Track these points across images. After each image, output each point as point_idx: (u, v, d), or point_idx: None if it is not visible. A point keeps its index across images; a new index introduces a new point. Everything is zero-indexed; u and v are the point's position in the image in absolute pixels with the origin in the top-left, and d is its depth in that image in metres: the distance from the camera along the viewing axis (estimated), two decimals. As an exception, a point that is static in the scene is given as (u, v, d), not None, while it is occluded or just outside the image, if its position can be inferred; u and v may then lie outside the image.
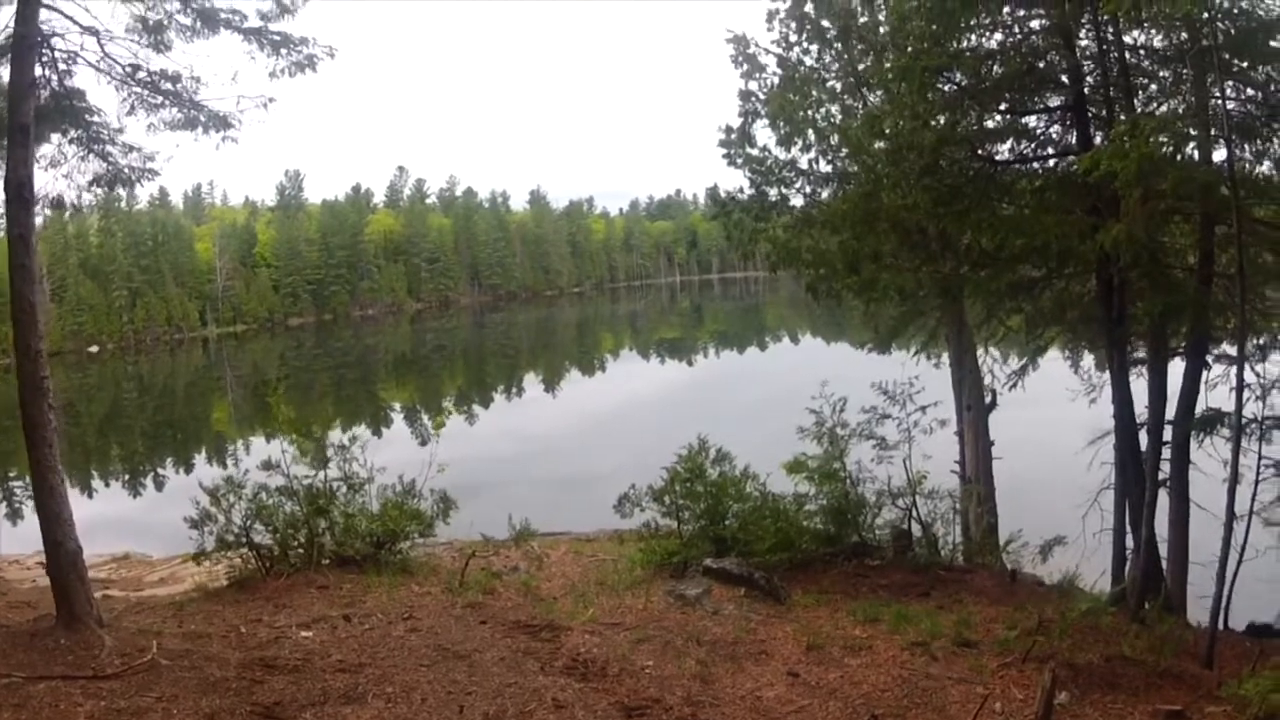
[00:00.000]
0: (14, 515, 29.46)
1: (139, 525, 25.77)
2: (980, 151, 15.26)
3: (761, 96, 18.82)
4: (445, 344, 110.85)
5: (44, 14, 11.53)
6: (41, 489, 10.86)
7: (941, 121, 14.69)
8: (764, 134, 18.87)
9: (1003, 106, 15.11)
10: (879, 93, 17.17)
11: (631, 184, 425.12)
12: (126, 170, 13.73)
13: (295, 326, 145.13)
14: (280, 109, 13.01)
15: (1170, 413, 14.02)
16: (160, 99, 12.86)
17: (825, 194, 18.87)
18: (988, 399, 18.78)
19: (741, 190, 19.34)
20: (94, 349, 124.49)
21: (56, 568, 10.84)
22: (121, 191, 15.04)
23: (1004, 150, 15.58)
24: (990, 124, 15.31)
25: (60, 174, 13.38)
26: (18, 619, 12.34)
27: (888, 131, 15.04)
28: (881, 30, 17.23)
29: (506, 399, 63.06)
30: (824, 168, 18.62)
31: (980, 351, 19.25)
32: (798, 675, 10.39)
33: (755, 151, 18.96)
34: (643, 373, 73.10)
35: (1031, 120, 15.30)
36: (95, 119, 13.18)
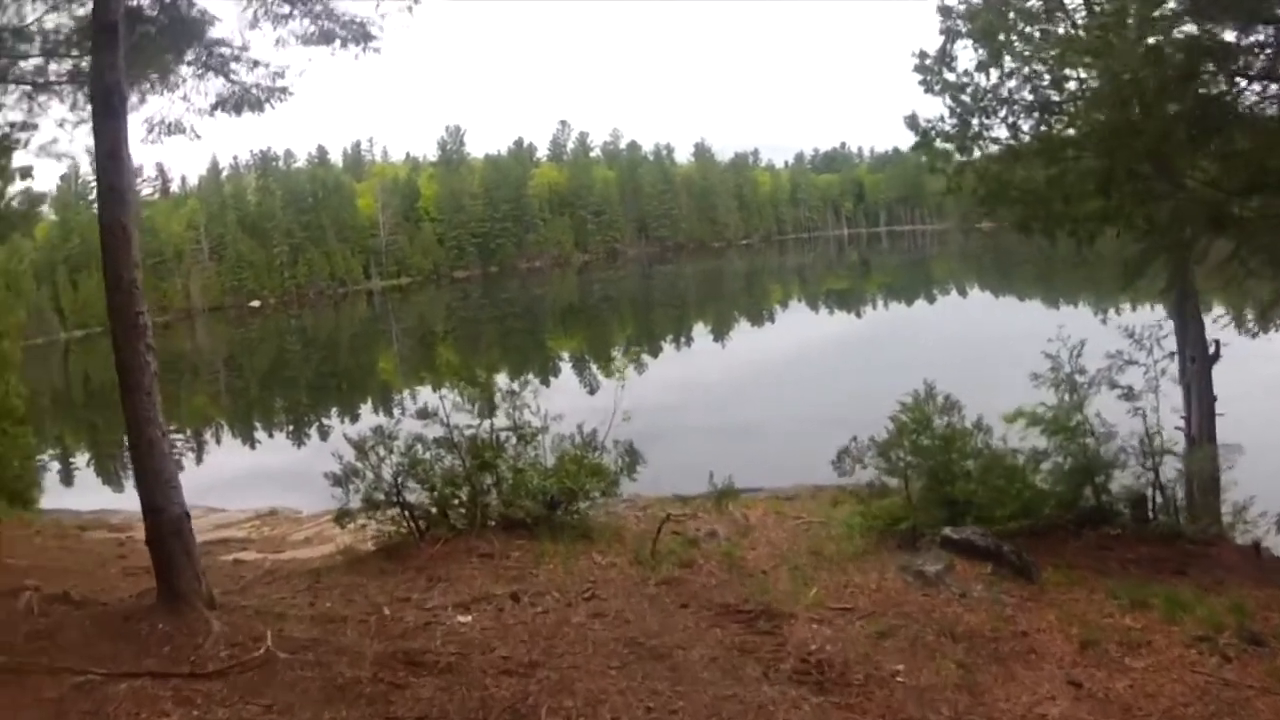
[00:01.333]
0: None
1: (295, 477, 24.37)
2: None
3: (961, 9, 16.78)
4: (612, 294, 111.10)
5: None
6: (139, 444, 8.97)
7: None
8: (963, 57, 16.96)
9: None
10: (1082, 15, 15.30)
11: (795, 137, 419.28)
12: (254, 90, 11.87)
13: (461, 279, 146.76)
14: (440, 62, 10.96)
15: None
16: (288, 8, 10.99)
17: (1027, 125, 16.79)
18: (1210, 350, 16.48)
19: (941, 119, 17.27)
20: (255, 303, 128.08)
21: (157, 537, 8.89)
22: (251, 114, 13.44)
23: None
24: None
25: (178, 96, 11.66)
26: (126, 590, 10.50)
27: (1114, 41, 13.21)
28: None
29: (675, 348, 62.67)
30: (1027, 95, 16.53)
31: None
32: (1080, 684, 8.59)
33: (953, 77, 16.92)
34: (813, 322, 73.07)
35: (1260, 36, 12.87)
36: (213, 34, 11.37)
